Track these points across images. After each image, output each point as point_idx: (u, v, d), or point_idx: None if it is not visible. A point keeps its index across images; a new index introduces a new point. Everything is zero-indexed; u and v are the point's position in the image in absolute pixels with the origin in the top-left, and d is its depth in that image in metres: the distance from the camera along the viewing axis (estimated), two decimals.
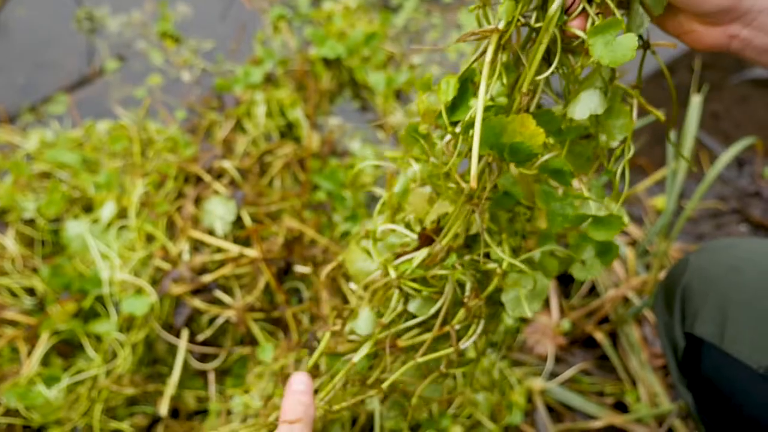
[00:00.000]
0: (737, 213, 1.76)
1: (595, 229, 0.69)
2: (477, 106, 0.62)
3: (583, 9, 0.60)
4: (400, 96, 1.94)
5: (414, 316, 0.78)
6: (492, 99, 0.67)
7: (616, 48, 0.58)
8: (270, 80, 1.89)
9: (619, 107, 0.68)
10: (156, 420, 1.24)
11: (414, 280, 0.76)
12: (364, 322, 0.79)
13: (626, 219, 0.69)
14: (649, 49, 0.66)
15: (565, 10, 0.61)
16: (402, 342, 0.78)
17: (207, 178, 1.40)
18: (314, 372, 0.86)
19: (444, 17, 2.19)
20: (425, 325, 0.79)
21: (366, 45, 1.96)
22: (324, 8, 2.13)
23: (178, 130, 1.63)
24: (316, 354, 0.83)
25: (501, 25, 0.63)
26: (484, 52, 0.64)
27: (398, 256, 0.78)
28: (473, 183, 0.62)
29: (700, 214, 1.75)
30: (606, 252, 0.75)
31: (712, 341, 0.85)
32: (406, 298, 0.78)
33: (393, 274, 0.76)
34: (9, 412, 1.16)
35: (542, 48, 0.62)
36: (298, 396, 0.71)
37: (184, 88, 1.96)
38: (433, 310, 0.77)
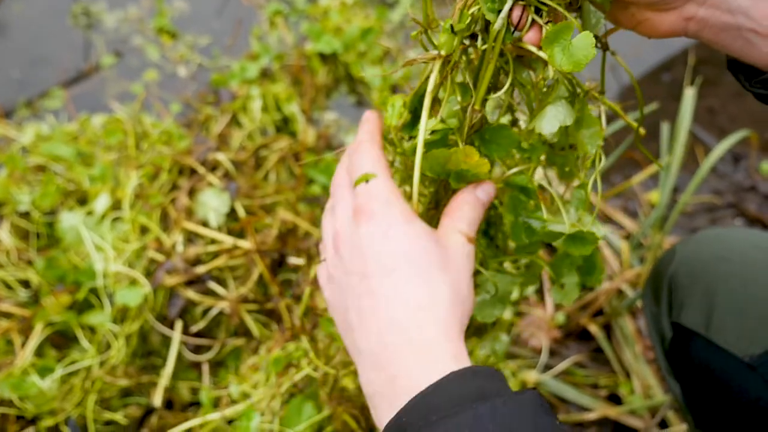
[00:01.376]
0: (733, 207, 1.77)
1: (571, 245, 0.67)
2: (418, 140, 0.62)
3: (533, 21, 0.58)
4: (396, 91, 1.95)
5: None
6: (443, 120, 0.66)
7: (574, 51, 0.56)
8: (266, 75, 1.89)
9: (588, 117, 0.66)
10: (150, 411, 1.24)
11: None
12: None
13: (601, 232, 0.67)
14: (608, 50, 0.64)
15: (515, 27, 0.59)
16: None
17: (201, 170, 1.40)
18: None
19: (440, 13, 2.20)
20: None
21: (362, 40, 1.96)
22: (320, 3, 2.13)
23: (173, 124, 1.63)
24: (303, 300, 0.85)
25: (443, 52, 0.61)
26: (428, 78, 0.64)
27: None
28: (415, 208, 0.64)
29: (695, 208, 1.76)
30: (590, 271, 0.74)
31: (698, 331, 0.85)
32: None
33: None
34: (3, 403, 1.17)
35: (490, 68, 0.60)
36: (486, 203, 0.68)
37: (181, 83, 1.97)
38: None
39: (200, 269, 1.28)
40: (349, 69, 1.98)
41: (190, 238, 1.34)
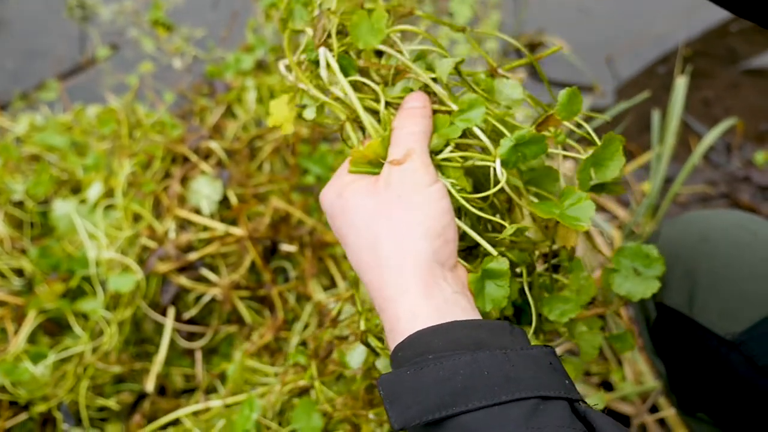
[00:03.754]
0: (726, 197, 1.77)
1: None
2: None
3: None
4: None
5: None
6: None
7: (372, 27, 0.71)
8: (261, 67, 1.89)
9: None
10: (142, 396, 1.25)
11: (380, 339, 0.76)
12: (356, 357, 0.81)
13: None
14: (465, 32, 0.74)
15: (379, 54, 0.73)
16: None
17: (194, 158, 1.40)
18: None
19: (435, 5, 2.20)
20: None
21: None
22: None
23: (166, 113, 1.64)
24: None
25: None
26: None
27: None
28: None
29: (688, 198, 1.76)
30: (623, 340, 0.84)
31: (681, 310, 0.86)
32: (375, 351, 0.78)
33: (362, 325, 0.76)
34: None
35: (387, 116, 0.70)
36: (414, 111, 0.67)
37: (176, 75, 1.97)
38: None
39: (192, 256, 1.29)
40: None
41: (183, 225, 1.34)
